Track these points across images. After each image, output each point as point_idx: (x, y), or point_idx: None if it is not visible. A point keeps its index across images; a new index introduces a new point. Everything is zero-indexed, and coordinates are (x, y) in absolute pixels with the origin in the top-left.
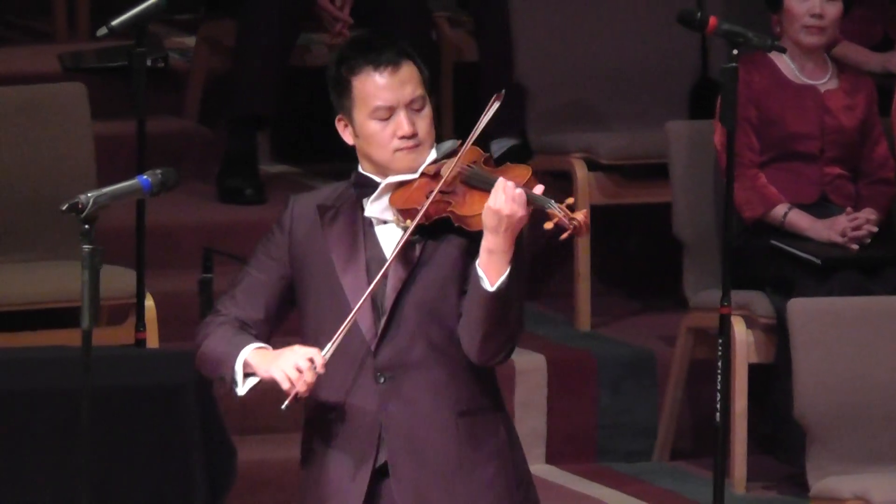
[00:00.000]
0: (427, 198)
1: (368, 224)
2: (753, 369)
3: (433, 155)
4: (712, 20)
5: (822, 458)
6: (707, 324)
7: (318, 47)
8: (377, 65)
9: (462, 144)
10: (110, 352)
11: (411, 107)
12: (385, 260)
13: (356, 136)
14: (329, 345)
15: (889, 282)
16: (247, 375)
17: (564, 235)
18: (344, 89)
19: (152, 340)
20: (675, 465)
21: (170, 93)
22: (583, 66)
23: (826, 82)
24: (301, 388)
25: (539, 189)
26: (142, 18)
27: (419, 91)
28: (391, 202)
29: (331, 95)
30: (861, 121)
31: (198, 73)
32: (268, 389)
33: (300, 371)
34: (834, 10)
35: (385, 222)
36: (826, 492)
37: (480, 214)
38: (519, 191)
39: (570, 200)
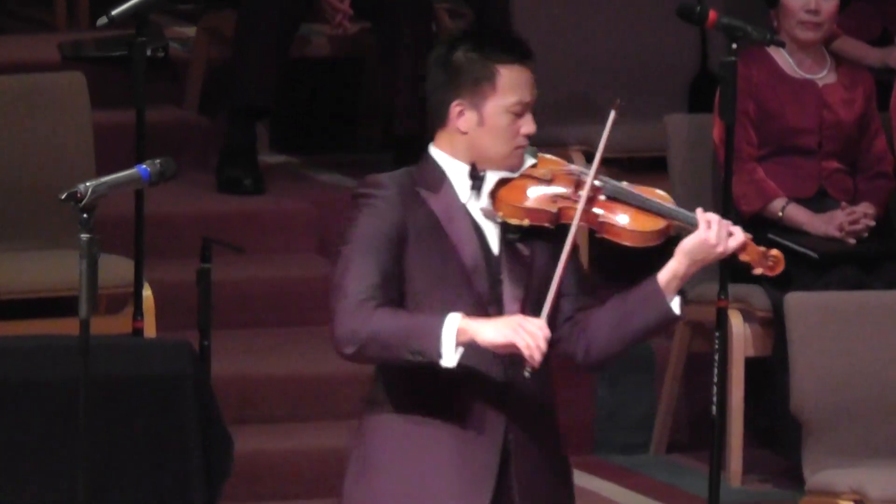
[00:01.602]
0: (554, 202)
1: (469, 213)
2: (750, 363)
3: (529, 158)
4: (712, 14)
5: (818, 452)
6: (704, 317)
7: (319, 38)
8: (525, 62)
9: (537, 153)
10: (108, 341)
11: (532, 107)
12: (492, 252)
13: (479, 124)
14: (543, 313)
15: (886, 276)
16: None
17: (757, 271)
18: (484, 77)
19: (150, 330)
20: (671, 457)
21: (169, 83)
22: (582, 59)
23: (824, 76)
24: (537, 354)
25: None
26: (142, 8)
27: None
28: (504, 198)
29: (448, 78)
30: (859, 115)
31: (198, 64)
32: (265, 380)
33: (533, 336)
34: (829, 6)
35: (483, 216)
36: (822, 486)
37: (637, 230)
38: (739, 233)
39: (750, 236)
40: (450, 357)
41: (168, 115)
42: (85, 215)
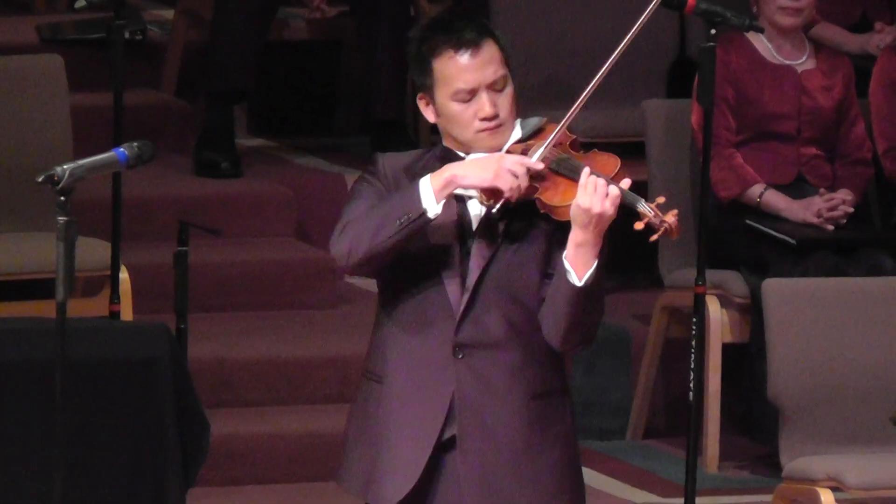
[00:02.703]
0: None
1: (458, 198)
2: (727, 349)
3: (518, 132)
4: (691, 0)
5: (795, 439)
6: (682, 303)
7: (297, 22)
8: (458, 47)
9: (549, 123)
10: (84, 324)
11: (493, 87)
12: (471, 234)
13: (438, 115)
14: (539, 150)
15: (864, 263)
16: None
17: (655, 237)
18: (424, 69)
19: (126, 313)
20: (648, 443)
21: (147, 65)
22: (560, 44)
23: (803, 62)
24: (515, 194)
25: (626, 183)
26: None
27: (501, 70)
28: None
29: (411, 73)
30: (838, 101)
31: (176, 46)
32: (241, 364)
33: (516, 176)
34: None
35: (470, 197)
36: (799, 472)
37: (568, 205)
38: (614, 191)
39: (661, 199)
40: (433, 207)
41: (146, 98)
42: (62, 198)
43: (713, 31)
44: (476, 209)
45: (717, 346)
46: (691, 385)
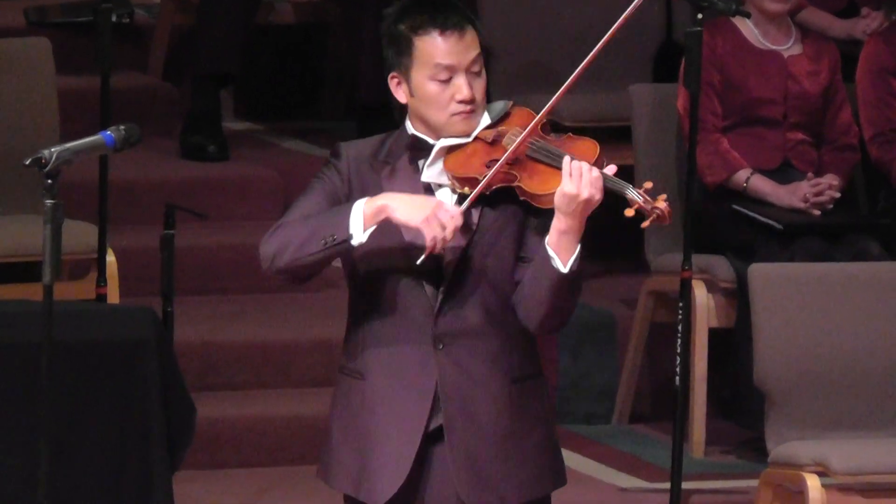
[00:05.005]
0: (487, 167)
1: (426, 186)
2: (714, 334)
3: (486, 118)
4: None
5: (781, 424)
6: (668, 287)
7: (283, 5)
8: (444, 28)
9: (515, 107)
10: (71, 307)
11: (470, 70)
12: None
13: (411, 95)
14: (466, 201)
15: (850, 248)
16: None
17: (646, 223)
18: (404, 47)
19: (113, 296)
20: (634, 428)
21: (134, 49)
22: (547, 28)
23: (790, 48)
24: (440, 245)
25: (611, 169)
26: None
27: (479, 56)
28: (446, 167)
29: (385, 51)
30: (825, 86)
31: (163, 30)
32: (227, 347)
33: (443, 227)
34: None
35: (440, 186)
36: (785, 457)
37: (550, 193)
38: (596, 174)
39: (649, 185)
40: (359, 234)
41: (133, 81)
42: (49, 181)
43: (700, 16)
44: (446, 198)
45: (703, 330)
46: (677, 370)
